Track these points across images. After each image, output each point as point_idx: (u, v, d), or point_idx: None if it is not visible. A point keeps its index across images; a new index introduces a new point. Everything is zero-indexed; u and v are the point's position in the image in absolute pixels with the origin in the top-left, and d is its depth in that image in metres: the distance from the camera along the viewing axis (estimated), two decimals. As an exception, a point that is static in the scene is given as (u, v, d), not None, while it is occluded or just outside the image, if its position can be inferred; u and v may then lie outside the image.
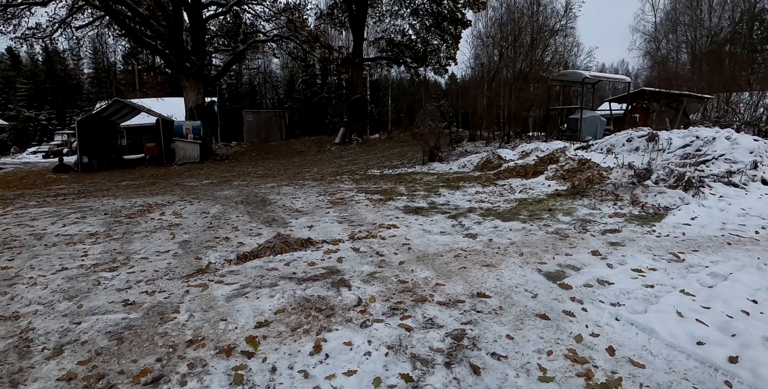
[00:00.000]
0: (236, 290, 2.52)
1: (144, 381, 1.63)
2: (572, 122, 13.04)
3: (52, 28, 16.12)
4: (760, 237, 3.41)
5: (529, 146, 8.73)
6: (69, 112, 37.96)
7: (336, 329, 1.99)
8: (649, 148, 6.39)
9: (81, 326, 2.11)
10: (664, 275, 2.60)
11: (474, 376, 1.63)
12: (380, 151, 13.70)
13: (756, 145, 5.69)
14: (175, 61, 14.97)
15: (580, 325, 2.00)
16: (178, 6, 15.30)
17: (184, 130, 14.31)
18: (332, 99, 27.98)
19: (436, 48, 20.39)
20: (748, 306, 2.13)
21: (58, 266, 3.13)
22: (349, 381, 1.61)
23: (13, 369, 1.74)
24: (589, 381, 1.58)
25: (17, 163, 23.28)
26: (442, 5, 18.60)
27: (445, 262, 2.94)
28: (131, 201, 6.26)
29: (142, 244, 3.70)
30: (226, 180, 8.96)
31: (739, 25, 27.19)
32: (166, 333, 2.01)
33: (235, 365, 1.72)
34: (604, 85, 24.25)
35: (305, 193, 6.56)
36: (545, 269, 2.76)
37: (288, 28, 18.70)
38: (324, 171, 9.91)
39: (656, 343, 1.85)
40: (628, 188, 4.93)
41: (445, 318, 2.09)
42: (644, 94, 14.11)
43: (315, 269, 2.86)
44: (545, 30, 22.93)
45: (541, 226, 3.87)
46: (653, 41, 31.87)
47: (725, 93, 11.54)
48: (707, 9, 28.67)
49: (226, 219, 4.65)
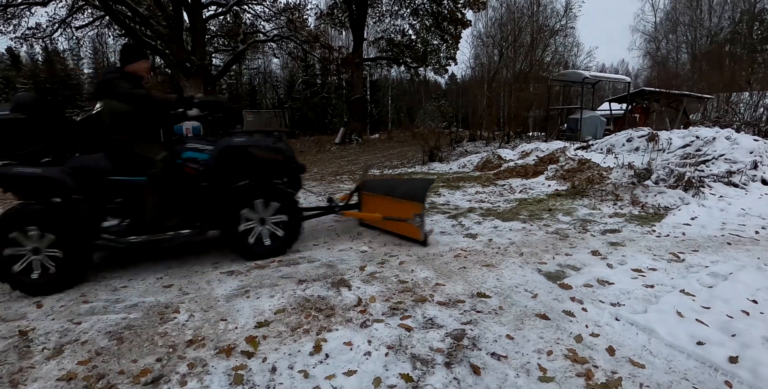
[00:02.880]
0: (236, 290, 2.52)
1: (144, 381, 1.63)
2: (572, 122, 13.05)
3: (52, 28, 16.12)
4: (760, 237, 3.41)
5: (529, 146, 8.73)
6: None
7: (336, 329, 1.99)
8: (649, 148, 6.38)
9: (81, 326, 2.12)
10: (664, 275, 2.60)
11: (474, 376, 1.63)
12: (380, 151, 13.71)
13: (756, 145, 5.69)
14: (175, 61, 14.96)
15: (580, 325, 2.00)
16: (178, 6, 15.28)
17: (183, 131, 14.29)
18: (332, 99, 27.96)
19: (436, 48, 20.39)
20: (748, 306, 2.13)
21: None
22: (349, 381, 1.61)
23: (13, 369, 1.74)
24: (589, 381, 1.58)
25: (17, 163, 23.29)
26: (442, 5, 18.60)
27: (445, 262, 2.94)
28: (131, 201, 6.25)
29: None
30: (226, 180, 8.95)
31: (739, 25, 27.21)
32: (166, 333, 2.01)
33: (235, 365, 1.72)
34: (604, 85, 24.24)
35: (305, 192, 6.56)
36: (545, 269, 2.76)
37: (288, 28, 18.70)
38: (324, 171, 9.91)
39: (656, 343, 1.85)
40: (628, 188, 4.93)
41: (445, 318, 2.09)
42: (644, 94, 14.11)
43: (315, 269, 2.86)
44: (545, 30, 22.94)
45: (541, 226, 3.87)
46: (653, 41, 31.89)
47: (725, 93, 11.54)
48: (707, 9, 28.69)
49: (226, 219, 4.65)
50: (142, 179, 2.82)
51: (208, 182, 3.02)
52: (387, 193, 3.59)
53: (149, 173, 2.80)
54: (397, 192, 3.49)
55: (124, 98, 2.81)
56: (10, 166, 2.61)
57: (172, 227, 2.94)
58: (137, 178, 2.83)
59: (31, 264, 2.59)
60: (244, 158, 3.07)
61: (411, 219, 3.24)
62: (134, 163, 2.83)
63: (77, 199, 2.69)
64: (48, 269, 2.62)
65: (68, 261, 2.64)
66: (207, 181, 3.02)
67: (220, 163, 2.99)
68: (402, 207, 3.35)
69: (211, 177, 3.01)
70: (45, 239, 2.60)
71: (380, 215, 3.50)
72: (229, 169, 3.05)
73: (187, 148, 2.98)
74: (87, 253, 2.73)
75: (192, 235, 2.98)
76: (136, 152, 2.84)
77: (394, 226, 3.55)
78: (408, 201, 3.31)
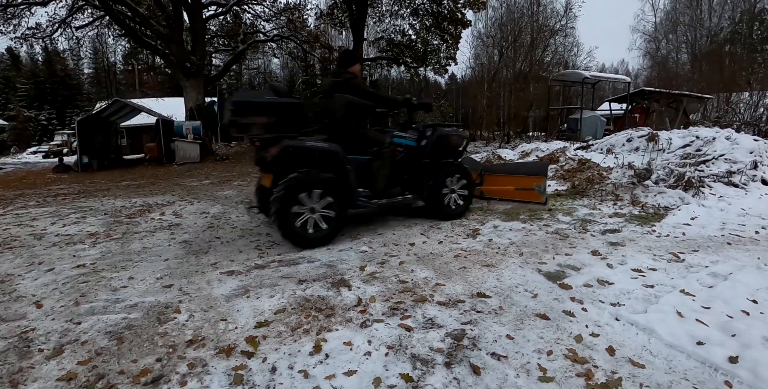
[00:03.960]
0: (236, 290, 2.52)
1: (144, 381, 1.63)
2: (572, 122, 13.05)
3: (52, 28, 16.13)
4: (760, 237, 3.41)
5: (529, 146, 8.72)
6: (69, 112, 37.97)
7: (336, 329, 1.99)
8: (649, 148, 6.38)
9: (81, 326, 2.12)
10: (664, 275, 2.59)
11: (474, 376, 1.63)
12: (380, 151, 13.69)
13: (756, 145, 5.68)
14: (175, 61, 14.97)
15: (580, 325, 2.00)
16: (178, 6, 15.29)
17: (184, 130, 14.30)
18: (332, 99, 27.93)
19: (436, 48, 20.39)
20: (748, 306, 2.13)
21: (58, 266, 3.13)
22: (349, 381, 1.61)
23: (13, 369, 1.74)
24: (589, 381, 1.58)
25: (17, 163, 23.29)
26: (442, 5, 18.60)
27: (445, 262, 2.94)
28: (131, 201, 6.26)
29: (142, 244, 3.70)
30: (226, 180, 8.96)
31: (739, 25, 27.21)
32: (166, 333, 2.01)
33: (235, 365, 1.72)
34: (604, 85, 24.26)
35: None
36: (545, 269, 2.76)
37: (288, 28, 18.71)
38: (324, 171, 9.89)
39: (656, 343, 1.85)
40: (628, 188, 4.93)
41: (445, 318, 2.09)
42: (644, 94, 14.12)
43: (315, 269, 2.86)
44: (545, 30, 22.96)
45: (541, 226, 3.87)
46: (653, 41, 31.90)
47: (725, 93, 11.55)
48: (707, 9, 28.70)
49: (226, 220, 4.65)
50: (367, 158, 3.65)
51: (411, 161, 3.98)
52: (513, 172, 5.01)
53: (380, 152, 3.67)
54: (523, 170, 4.93)
55: (366, 95, 3.61)
56: (301, 140, 3.29)
57: (398, 193, 3.88)
58: (363, 157, 3.64)
59: (307, 221, 3.26)
60: (449, 143, 4.11)
61: (535, 188, 4.63)
62: (368, 145, 3.67)
63: (349, 169, 3.44)
64: (319, 226, 3.32)
65: (336, 220, 3.38)
66: (410, 160, 3.98)
67: (436, 145, 3.98)
68: (526, 180, 4.71)
69: (414, 156, 3.99)
70: (323, 201, 3.30)
71: (512, 187, 4.82)
72: (440, 150, 4.04)
73: (395, 135, 3.95)
74: (346, 214, 3.48)
75: (413, 200, 3.97)
76: (371, 137, 3.70)
77: (519, 195, 4.83)
78: (532, 176, 4.68)
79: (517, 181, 4.82)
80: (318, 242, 3.32)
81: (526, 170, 4.90)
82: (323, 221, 3.32)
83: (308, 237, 3.28)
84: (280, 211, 3.14)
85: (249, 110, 3.21)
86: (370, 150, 3.66)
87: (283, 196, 3.12)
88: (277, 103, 3.30)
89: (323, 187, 3.26)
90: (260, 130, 3.28)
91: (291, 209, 3.17)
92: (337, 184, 3.34)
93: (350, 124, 3.58)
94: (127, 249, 3.58)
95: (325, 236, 3.35)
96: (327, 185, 3.28)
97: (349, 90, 3.56)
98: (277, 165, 3.33)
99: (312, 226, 3.28)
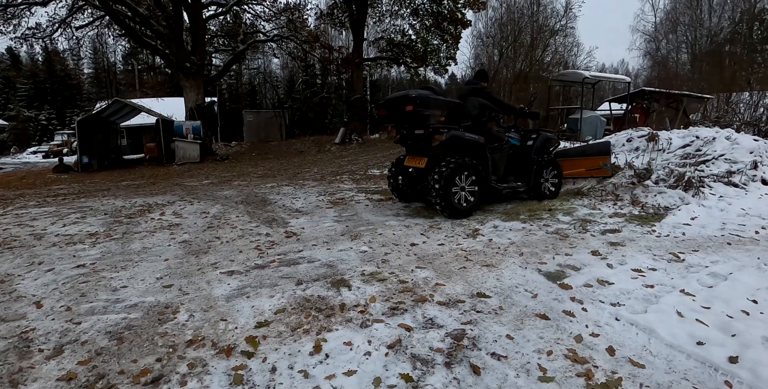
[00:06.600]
0: (236, 290, 2.52)
1: (144, 381, 1.63)
2: (572, 122, 13.04)
3: (52, 28, 16.12)
4: (760, 237, 3.41)
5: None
6: (69, 112, 37.96)
7: (336, 329, 1.99)
8: (649, 148, 6.38)
9: (81, 326, 2.12)
10: (664, 275, 2.60)
11: (474, 376, 1.63)
12: (380, 151, 13.69)
13: (756, 145, 5.68)
14: (175, 61, 14.96)
15: (580, 325, 2.00)
16: (178, 6, 15.28)
17: (184, 130, 14.30)
18: (332, 99, 27.96)
19: (436, 48, 20.38)
20: (748, 306, 2.13)
21: (58, 266, 3.13)
22: (349, 381, 1.61)
23: (13, 369, 1.74)
24: (589, 381, 1.58)
25: (17, 163, 23.29)
26: (442, 5, 18.60)
27: (445, 262, 2.94)
28: (131, 201, 6.26)
29: (142, 244, 3.70)
30: (226, 180, 8.96)
31: (739, 25, 27.21)
32: (166, 333, 2.01)
33: (235, 365, 1.72)
34: (604, 85, 24.24)
35: (305, 193, 6.56)
36: (545, 269, 2.76)
37: (288, 28, 18.71)
38: (324, 171, 9.91)
39: (656, 343, 1.85)
40: (628, 188, 4.93)
41: (445, 318, 2.09)
42: (644, 94, 14.11)
43: (315, 269, 2.86)
44: (545, 30, 22.96)
45: (541, 226, 3.87)
46: (653, 41, 31.91)
47: (725, 93, 11.55)
48: (707, 9, 28.70)
49: (226, 220, 4.65)
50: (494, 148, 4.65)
51: (518, 156, 5.00)
52: (581, 154, 5.73)
53: (502, 147, 4.71)
54: (589, 151, 5.67)
55: (494, 101, 4.68)
56: (462, 131, 4.24)
57: (512, 181, 4.91)
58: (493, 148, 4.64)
59: (460, 197, 4.24)
60: (549, 144, 5.21)
61: (602, 166, 5.38)
62: (494, 140, 4.63)
63: (488, 157, 4.42)
64: (467, 200, 4.31)
65: (479, 195, 4.40)
66: (517, 156, 5.00)
67: (541, 145, 5.05)
68: (594, 161, 5.49)
69: (519, 153, 5.02)
70: (469, 180, 4.27)
71: (584, 168, 5.56)
72: (542, 149, 5.09)
73: (509, 136, 4.96)
74: (483, 193, 4.47)
75: (523, 187, 4.89)
76: (495, 134, 4.68)
77: (589, 173, 5.54)
78: (598, 156, 5.46)
79: (587, 162, 5.56)
80: (466, 213, 4.29)
81: (591, 151, 5.63)
82: (470, 195, 4.32)
83: (461, 210, 4.22)
84: (445, 188, 4.04)
85: (430, 105, 4.07)
86: (493, 145, 4.63)
87: (448, 176, 4.04)
88: (450, 102, 4.32)
89: (471, 170, 4.24)
90: (434, 121, 4.15)
91: (452, 187, 4.10)
92: (480, 169, 4.33)
93: (483, 121, 4.56)
94: (127, 249, 3.58)
95: (470, 209, 4.33)
96: (474, 169, 4.26)
97: (482, 95, 4.65)
98: (436, 150, 4.22)
99: (463, 200, 4.26)
